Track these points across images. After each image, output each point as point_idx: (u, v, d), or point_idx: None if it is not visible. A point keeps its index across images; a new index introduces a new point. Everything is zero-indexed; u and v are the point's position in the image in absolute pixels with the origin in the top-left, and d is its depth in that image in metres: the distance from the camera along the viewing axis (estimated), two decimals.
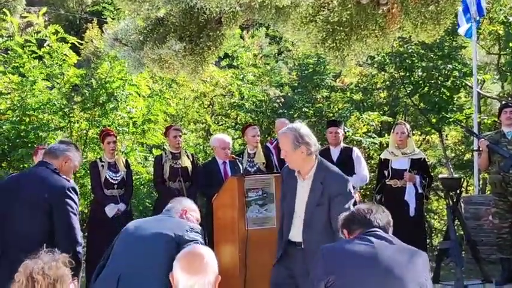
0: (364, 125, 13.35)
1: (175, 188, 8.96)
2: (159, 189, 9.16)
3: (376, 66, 13.52)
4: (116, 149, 9.18)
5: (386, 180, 8.77)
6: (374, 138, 12.81)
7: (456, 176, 11.12)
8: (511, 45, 11.25)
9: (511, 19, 10.90)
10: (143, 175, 11.57)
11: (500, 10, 11.92)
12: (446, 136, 14.72)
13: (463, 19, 9.98)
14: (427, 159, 9.50)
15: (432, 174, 9.70)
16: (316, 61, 13.36)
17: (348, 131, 12.09)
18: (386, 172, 8.79)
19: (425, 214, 9.92)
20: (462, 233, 9.23)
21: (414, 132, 13.72)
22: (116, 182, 8.99)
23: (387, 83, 13.79)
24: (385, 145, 12.46)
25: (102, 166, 9.01)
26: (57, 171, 5.64)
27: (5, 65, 11.42)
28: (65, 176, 5.68)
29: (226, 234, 7.92)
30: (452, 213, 8.43)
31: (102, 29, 16.72)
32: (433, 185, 10.24)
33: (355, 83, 14.20)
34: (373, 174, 10.95)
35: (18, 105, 11.04)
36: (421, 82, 13.05)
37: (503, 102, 10.57)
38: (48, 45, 11.11)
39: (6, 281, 3.54)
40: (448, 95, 12.67)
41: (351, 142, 11.87)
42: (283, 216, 5.93)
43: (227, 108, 14.49)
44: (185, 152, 9.40)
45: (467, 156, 14.84)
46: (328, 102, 13.59)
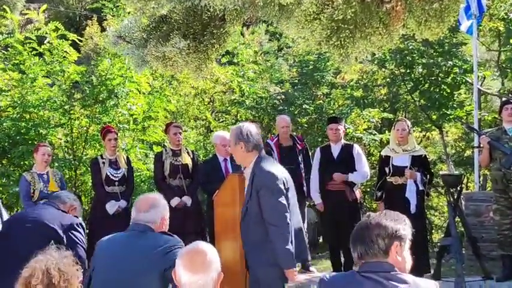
0: (365, 122, 13.35)
1: (176, 185, 8.96)
2: (160, 186, 9.15)
3: (376, 63, 13.51)
4: (117, 146, 9.19)
5: (387, 177, 8.77)
6: (374, 135, 12.81)
7: (457, 172, 11.14)
8: (511, 41, 11.24)
9: (511, 15, 10.88)
10: (144, 172, 11.56)
11: (501, 7, 11.92)
12: (446, 133, 14.71)
13: (464, 16, 9.97)
14: (427, 156, 9.49)
15: (432, 171, 9.69)
16: (317, 58, 13.35)
17: (349, 128, 12.09)
18: (387, 169, 8.79)
19: (425, 211, 9.91)
20: (462, 229, 9.24)
21: (414, 129, 13.72)
22: (117, 179, 9.00)
23: (387, 79, 13.79)
24: (386, 142, 12.45)
25: (103, 163, 9.02)
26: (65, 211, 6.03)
27: (5, 62, 11.42)
28: None
29: (227, 230, 7.91)
30: (453, 210, 8.43)
31: (102, 26, 16.71)
32: (433, 181, 10.22)
33: (356, 79, 14.19)
34: (373, 171, 10.97)
35: (18, 102, 11.04)
36: (421, 79, 13.05)
37: (504, 99, 10.54)
38: (48, 42, 11.10)
39: None
40: (448, 91, 12.68)
41: (351, 139, 11.87)
42: None
43: (227, 105, 14.48)
44: (185, 149, 9.39)
45: (468, 152, 14.84)
46: (329, 99, 13.58)
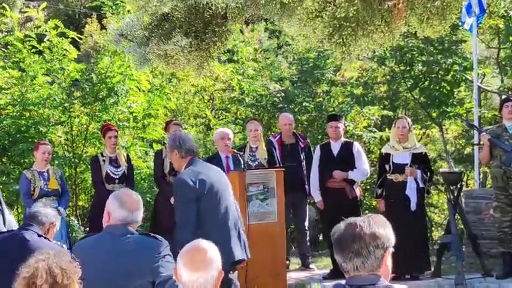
0: (364, 119, 13.35)
1: None
2: (160, 184, 9.16)
3: (376, 60, 13.50)
4: (117, 143, 9.20)
5: (388, 175, 8.77)
6: (374, 132, 12.81)
7: (457, 170, 11.14)
8: (511, 39, 11.23)
9: (511, 13, 10.87)
10: (144, 170, 11.56)
11: (501, 4, 11.90)
12: (446, 130, 14.71)
13: (466, 14, 9.97)
14: (428, 154, 9.49)
15: (433, 169, 9.69)
16: (317, 55, 13.35)
17: (349, 126, 12.09)
18: (387, 166, 8.79)
19: (425, 208, 9.91)
20: (462, 227, 9.25)
21: (414, 126, 13.71)
22: (117, 176, 9.01)
23: (387, 77, 13.78)
24: (386, 139, 12.45)
25: (104, 161, 9.04)
26: (44, 236, 5.24)
27: (5, 60, 11.41)
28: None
29: None
30: (453, 208, 8.45)
31: (101, 24, 16.70)
32: (433, 179, 10.22)
33: (356, 77, 14.18)
34: (373, 168, 10.96)
35: (18, 100, 11.04)
36: (421, 76, 13.04)
37: (504, 96, 10.55)
38: (48, 40, 11.10)
39: None
40: (448, 89, 12.67)
41: (351, 136, 11.87)
42: None
43: (227, 102, 14.47)
44: None
45: (468, 150, 14.84)
46: (329, 96, 13.57)
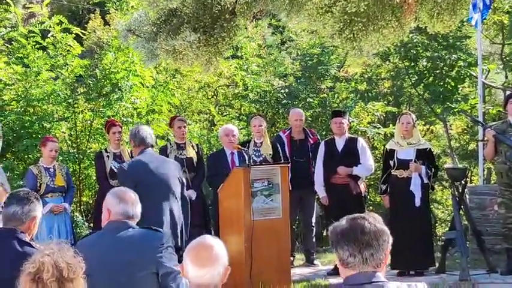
0: (368, 115, 13.34)
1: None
2: None
3: (380, 56, 13.48)
4: (121, 139, 9.20)
5: (392, 171, 8.76)
6: (379, 128, 12.79)
7: (462, 166, 11.13)
8: None
9: None
10: None
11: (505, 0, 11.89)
12: (450, 126, 14.68)
13: (472, 10, 9.95)
14: (432, 150, 9.47)
15: (437, 164, 9.67)
16: (321, 51, 13.33)
17: (353, 121, 12.07)
18: (391, 162, 8.78)
19: (430, 204, 9.89)
20: (466, 223, 9.24)
21: (418, 122, 13.70)
22: None
23: (392, 73, 13.76)
24: (390, 135, 12.44)
25: (108, 157, 9.02)
26: (26, 241, 4.73)
27: (9, 56, 11.41)
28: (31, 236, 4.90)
29: (232, 224, 7.95)
30: (458, 204, 8.43)
31: (104, 20, 16.70)
32: (438, 175, 10.20)
33: (360, 73, 14.17)
34: (377, 164, 10.95)
35: (22, 96, 11.04)
36: (425, 72, 13.02)
37: (509, 92, 10.51)
38: (52, 35, 11.09)
39: None
40: (452, 85, 12.65)
41: (355, 132, 11.86)
42: None
43: (231, 98, 14.46)
44: (190, 142, 9.39)
45: (472, 146, 14.82)
46: (333, 92, 13.56)
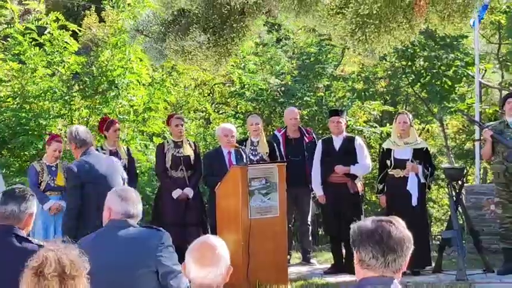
0: (364, 114, 13.35)
1: (178, 176, 8.95)
2: (162, 178, 9.15)
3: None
4: (119, 136, 9.22)
5: (389, 170, 8.77)
6: (375, 127, 12.80)
7: (459, 166, 11.14)
8: None
9: None
10: (143, 163, 11.54)
11: (503, 0, 11.89)
12: (447, 125, 14.70)
13: None
14: (429, 149, 9.48)
15: (434, 164, 9.69)
16: (318, 50, 13.33)
17: (350, 120, 12.09)
18: (388, 162, 8.78)
19: (426, 204, 9.92)
20: (463, 222, 9.25)
21: (414, 121, 13.73)
22: None
23: (389, 72, 13.76)
24: (386, 134, 12.45)
25: (104, 154, 8.99)
26: (25, 237, 4.80)
27: (5, 53, 11.38)
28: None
29: (230, 223, 7.94)
30: (455, 203, 8.44)
31: (100, 16, 16.65)
32: (434, 174, 10.22)
33: (357, 72, 14.17)
34: (373, 163, 10.96)
35: (18, 93, 11.02)
36: (422, 71, 13.04)
37: (507, 92, 10.53)
38: (49, 32, 11.06)
39: None
40: (449, 84, 12.67)
41: (352, 131, 11.87)
42: None
43: (227, 96, 14.46)
44: (187, 140, 9.37)
45: (468, 145, 14.85)
46: (329, 91, 13.57)
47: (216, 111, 14.47)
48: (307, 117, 12.92)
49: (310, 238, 9.80)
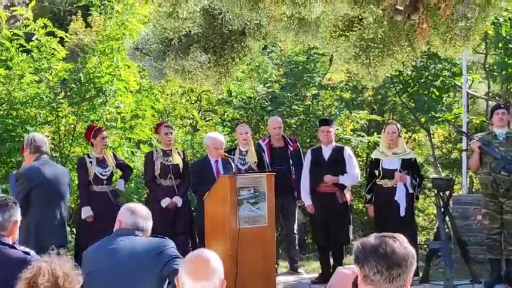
0: (351, 122, 13.37)
1: (166, 185, 8.93)
2: (150, 187, 9.12)
3: None
4: (106, 144, 9.23)
5: (377, 180, 8.79)
6: (363, 137, 12.82)
7: (447, 176, 11.17)
8: (500, 45, 11.27)
9: (501, 20, 10.90)
10: None
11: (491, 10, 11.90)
12: (433, 134, 14.74)
13: None
14: (417, 159, 9.50)
15: (422, 174, 9.71)
16: (306, 58, 13.34)
17: (338, 129, 12.10)
18: (377, 172, 8.81)
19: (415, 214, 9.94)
20: (448, 230, 9.27)
21: (401, 130, 13.76)
22: (105, 177, 8.97)
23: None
24: (374, 144, 12.47)
25: (91, 162, 8.97)
26: (11, 244, 4.78)
27: None
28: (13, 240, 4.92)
29: (218, 232, 7.93)
30: (443, 214, 8.47)
31: (86, 22, 16.58)
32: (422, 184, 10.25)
33: (345, 81, 14.18)
34: (360, 172, 10.97)
35: (5, 99, 10.93)
36: (410, 81, 13.07)
37: (494, 102, 10.59)
38: (36, 39, 11.00)
39: None
40: (437, 94, 12.72)
41: (340, 140, 11.87)
42: None
43: (214, 104, 14.44)
44: (176, 149, 9.36)
45: (455, 154, 14.90)
46: (317, 100, 13.58)
47: (203, 118, 14.44)
48: (295, 126, 12.92)
49: (297, 247, 9.80)
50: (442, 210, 8.49)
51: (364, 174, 11.07)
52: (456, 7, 3.92)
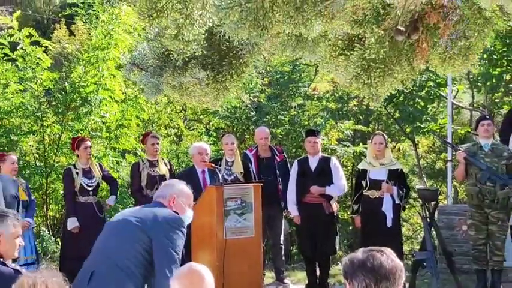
0: (336, 132, 13.40)
1: (153, 196, 8.88)
2: (137, 197, 9.08)
3: None
4: (91, 154, 9.18)
5: (364, 191, 8.80)
6: (348, 147, 12.85)
7: (433, 187, 11.21)
8: (485, 56, 11.35)
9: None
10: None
11: None
12: (417, 144, 14.82)
13: None
14: (403, 170, 9.53)
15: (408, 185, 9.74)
16: (292, 69, 13.37)
17: (323, 139, 12.13)
18: (363, 182, 8.81)
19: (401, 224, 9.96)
20: (436, 242, 9.30)
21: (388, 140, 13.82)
22: (91, 188, 8.94)
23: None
24: (359, 154, 12.50)
25: (77, 173, 8.94)
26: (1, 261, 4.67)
27: None
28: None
29: (204, 243, 7.91)
30: (429, 224, 8.48)
31: (70, 30, 16.55)
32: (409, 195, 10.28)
33: (331, 91, 14.24)
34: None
35: None
36: (395, 92, 13.12)
37: (480, 114, 10.65)
38: (21, 48, 10.95)
39: None
40: (422, 104, 12.78)
41: (325, 150, 11.90)
42: None
43: (199, 113, 14.42)
44: (162, 159, 9.34)
45: (439, 164, 14.98)
46: (303, 110, 13.60)
47: (187, 127, 14.41)
48: (280, 136, 12.94)
49: (283, 257, 9.79)
50: (428, 221, 8.50)
51: (350, 184, 11.09)
52: (456, 27, 3.94)
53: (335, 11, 3.39)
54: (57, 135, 11.32)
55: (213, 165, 8.45)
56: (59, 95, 11.20)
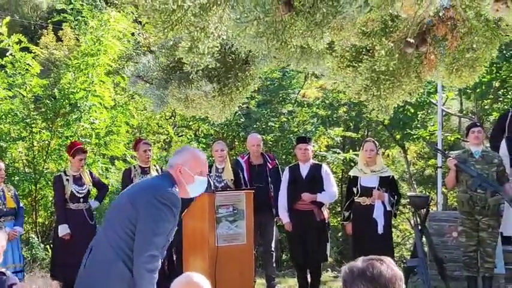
0: (325, 139, 13.41)
1: None
2: None
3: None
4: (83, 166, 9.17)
5: (355, 198, 8.80)
6: (339, 153, 12.86)
7: (424, 194, 11.22)
8: None
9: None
10: None
11: None
12: (407, 151, 14.86)
13: None
14: (395, 177, 9.55)
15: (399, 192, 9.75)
16: (282, 75, 13.37)
17: (314, 146, 12.13)
18: (355, 189, 8.82)
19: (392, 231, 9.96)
20: (426, 249, 9.31)
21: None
22: (82, 195, 8.91)
23: (351, 99, 13.86)
24: (349, 160, 12.51)
25: (67, 180, 8.90)
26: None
27: None
28: None
29: (196, 249, 7.89)
30: (420, 231, 8.49)
31: (57, 36, 16.48)
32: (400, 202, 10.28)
33: (321, 98, 14.26)
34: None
35: None
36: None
37: (469, 121, 10.69)
38: (11, 54, 10.91)
39: None
40: (412, 111, 12.81)
41: (315, 157, 11.91)
42: None
43: (189, 120, 14.40)
44: (154, 166, 9.31)
45: (429, 171, 15.01)
46: (293, 116, 13.61)
47: (177, 134, 14.38)
48: (270, 142, 12.93)
49: (274, 264, 9.77)
50: (420, 228, 8.51)
51: (340, 191, 11.09)
52: (463, 38, 3.94)
53: (345, 23, 3.39)
54: (47, 142, 11.29)
55: None
56: (48, 101, 11.16)
